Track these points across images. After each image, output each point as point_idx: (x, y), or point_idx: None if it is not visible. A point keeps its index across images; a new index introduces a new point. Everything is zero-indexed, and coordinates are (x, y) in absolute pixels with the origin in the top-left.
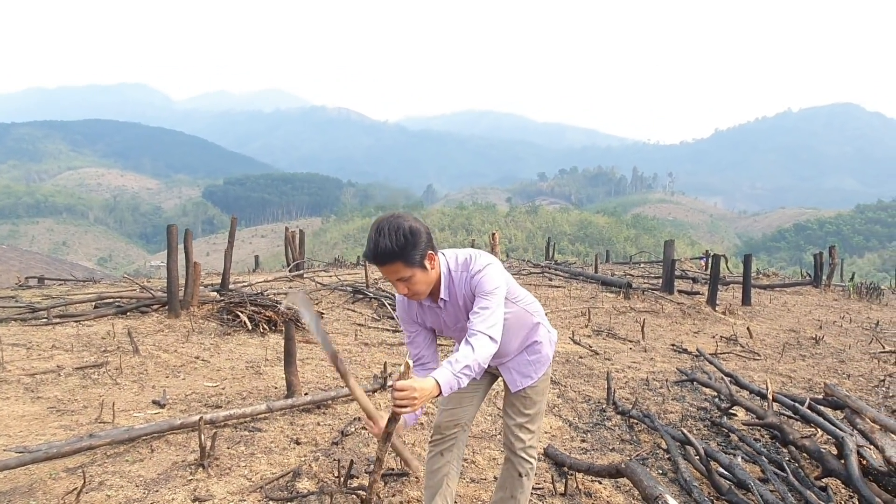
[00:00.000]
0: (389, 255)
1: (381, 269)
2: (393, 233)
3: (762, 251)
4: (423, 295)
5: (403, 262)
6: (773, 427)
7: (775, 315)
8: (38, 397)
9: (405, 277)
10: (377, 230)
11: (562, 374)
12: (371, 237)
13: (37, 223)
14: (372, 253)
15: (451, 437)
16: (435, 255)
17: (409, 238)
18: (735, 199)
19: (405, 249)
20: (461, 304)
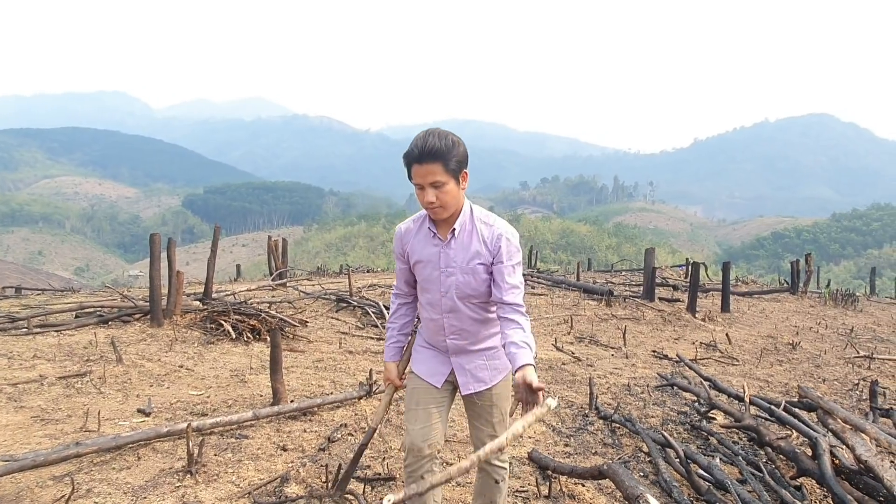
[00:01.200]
0: (434, 153)
1: (418, 171)
2: (443, 136)
3: (741, 259)
4: (446, 212)
5: (444, 164)
6: (750, 429)
7: (754, 321)
8: (21, 406)
9: (439, 183)
10: (427, 132)
11: (545, 381)
12: (420, 137)
13: (12, 232)
14: (419, 149)
15: (429, 458)
16: (468, 178)
17: (455, 144)
18: (714, 208)
19: (450, 152)
20: (468, 253)
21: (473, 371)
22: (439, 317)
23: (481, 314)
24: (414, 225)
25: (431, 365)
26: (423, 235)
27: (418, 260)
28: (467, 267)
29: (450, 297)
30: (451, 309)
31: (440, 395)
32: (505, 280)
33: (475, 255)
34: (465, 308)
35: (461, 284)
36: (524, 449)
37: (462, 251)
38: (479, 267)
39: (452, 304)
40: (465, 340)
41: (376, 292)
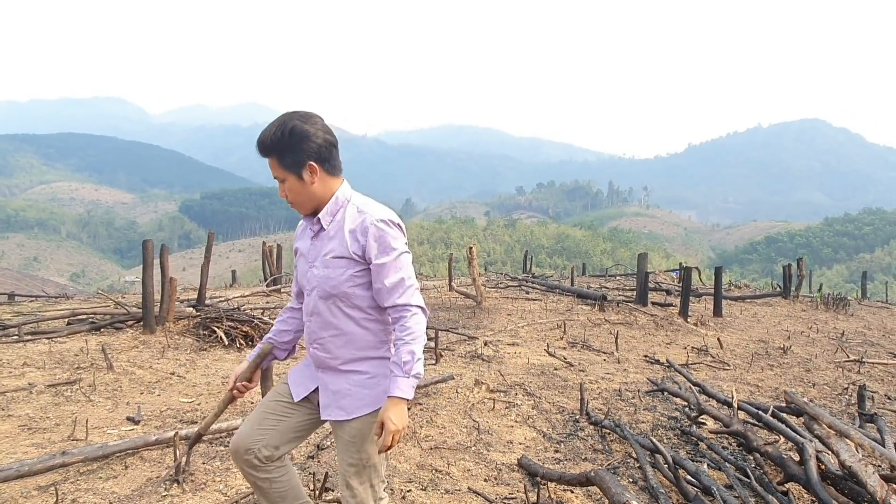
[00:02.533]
0: (266, 147)
1: (271, 166)
2: (277, 127)
3: (735, 263)
4: (302, 209)
5: (277, 159)
6: (738, 434)
7: (745, 326)
8: (8, 415)
9: (279, 178)
10: (274, 121)
11: (536, 386)
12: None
13: (7, 238)
14: (258, 140)
15: (245, 463)
16: (319, 170)
17: (287, 137)
18: (708, 213)
19: (279, 147)
20: (335, 243)
21: (337, 394)
22: (307, 319)
23: (346, 326)
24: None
25: (301, 375)
26: (306, 227)
27: (298, 250)
28: (330, 259)
29: (313, 295)
30: (312, 310)
31: (291, 408)
32: (381, 280)
33: (338, 245)
34: (328, 312)
35: (321, 279)
36: (514, 455)
37: (328, 241)
38: (336, 260)
39: (314, 304)
40: (326, 354)
41: None
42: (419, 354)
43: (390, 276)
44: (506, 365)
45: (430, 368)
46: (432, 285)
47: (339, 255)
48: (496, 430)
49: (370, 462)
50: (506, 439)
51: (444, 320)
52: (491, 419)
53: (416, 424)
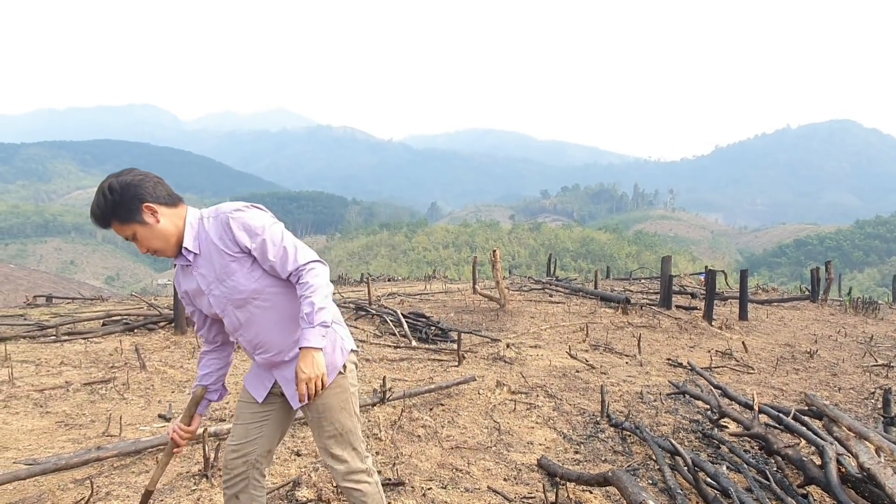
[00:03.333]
0: (100, 219)
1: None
2: (98, 194)
3: (763, 266)
4: (166, 252)
5: (116, 220)
6: (759, 437)
7: (772, 330)
8: (46, 412)
9: (129, 236)
10: (95, 197)
11: (558, 388)
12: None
13: (45, 242)
14: (92, 218)
15: (242, 476)
16: (155, 206)
17: (111, 196)
18: (736, 215)
19: (110, 208)
20: (215, 259)
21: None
22: (237, 336)
23: (273, 317)
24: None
25: (255, 377)
26: (179, 268)
27: (187, 292)
28: (221, 273)
29: (229, 312)
30: (237, 325)
31: (263, 410)
32: (267, 257)
33: (221, 257)
34: (252, 317)
35: (227, 294)
36: (533, 455)
37: (206, 262)
38: (230, 265)
39: (234, 318)
40: (271, 352)
41: (395, 301)
42: (320, 304)
43: (271, 250)
44: (528, 367)
45: (453, 370)
46: (456, 288)
47: (232, 261)
48: (517, 431)
49: (345, 429)
50: (526, 440)
51: (468, 323)
52: (512, 420)
53: (438, 424)
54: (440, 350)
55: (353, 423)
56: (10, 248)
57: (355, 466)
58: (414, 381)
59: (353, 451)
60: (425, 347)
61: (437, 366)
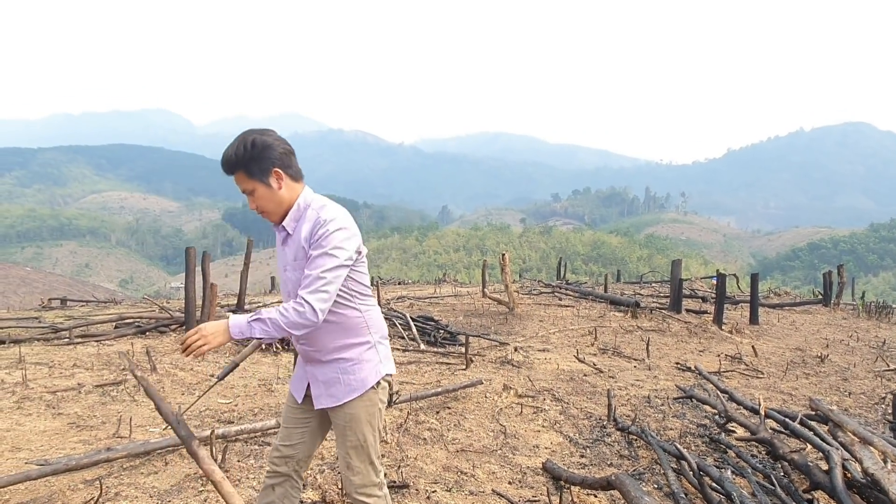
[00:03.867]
0: (231, 164)
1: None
2: (240, 143)
3: (777, 270)
4: (272, 216)
5: (245, 172)
6: (765, 442)
7: (783, 334)
8: (59, 413)
9: (248, 190)
10: (233, 141)
11: (565, 392)
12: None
13: (60, 246)
14: (222, 162)
15: (283, 475)
16: (284, 175)
17: (250, 149)
18: (748, 219)
19: (244, 159)
20: (296, 248)
21: (326, 383)
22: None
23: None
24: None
25: (297, 380)
26: (279, 237)
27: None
28: (296, 263)
29: (293, 296)
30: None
31: (306, 416)
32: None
33: (300, 248)
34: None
35: (294, 282)
36: (539, 459)
37: (293, 246)
38: (302, 262)
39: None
40: (312, 347)
41: (405, 304)
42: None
43: (312, 269)
44: (535, 370)
45: (461, 373)
46: (466, 291)
47: (302, 256)
48: (523, 435)
49: (367, 441)
50: (532, 444)
51: (477, 326)
52: (518, 424)
53: (444, 427)
54: (448, 353)
55: (375, 437)
56: (26, 251)
57: (369, 480)
58: (421, 384)
59: (370, 465)
60: (433, 351)
61: (445, 369)
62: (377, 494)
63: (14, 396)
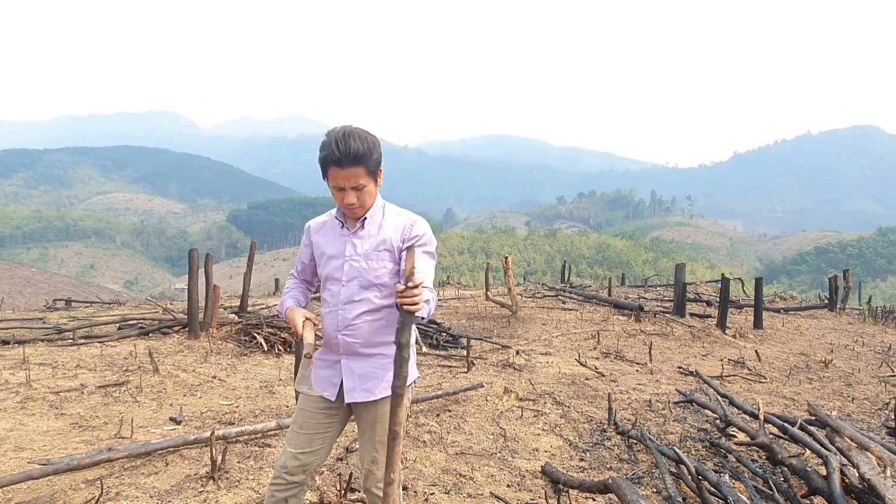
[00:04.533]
0: (358, 157)
1: (339, 174)
2: (363, 138)
3: (783, 274)
4: (363, 211)
5: (366, 167)
6: (764, 447)
7: (787, 338)
8: (62, 414)
9: (361, 185)
10: (346, 134)
11: (566, 396)
12: (339, 139)
13: (66, 247)
14: (342, 153)
15: (297, 484)
16: (382, 174)
17: (374, 145)
18: (755, 223)
19: (371, 154)
20: (375, 240)
21: (362, 377)
22: (336, 309)
23: (380, 313)
24: (328, 218)
25: (323, 375)
26: (331, 227)
27: (324, 252)
28: (372, 253)
29: (351, 285)
30: (349, 299)
31: (329, 420)
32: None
33: (382, 241)
34: (366, 300)
35: (364, 271)
36: (538, 462)
37: (369, 239)
38: (385, 253)
39: (352, 293)
40: (358, 339)
41: None
42: (429, 308)
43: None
44: (537, 374)
45: (462, 376)
46: (469, 294)
47: (386, 249)
48: (523, 438)
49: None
50: (532, 447)
51: (479, 329)
52: (518, 427)
53: (444, 430)
54: (450, 356)
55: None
56: (32, 252)
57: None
58: (422, 387)
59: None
60: (435, 353)
61: (447, 372)
62: (397, 492)
63: (18, 397)
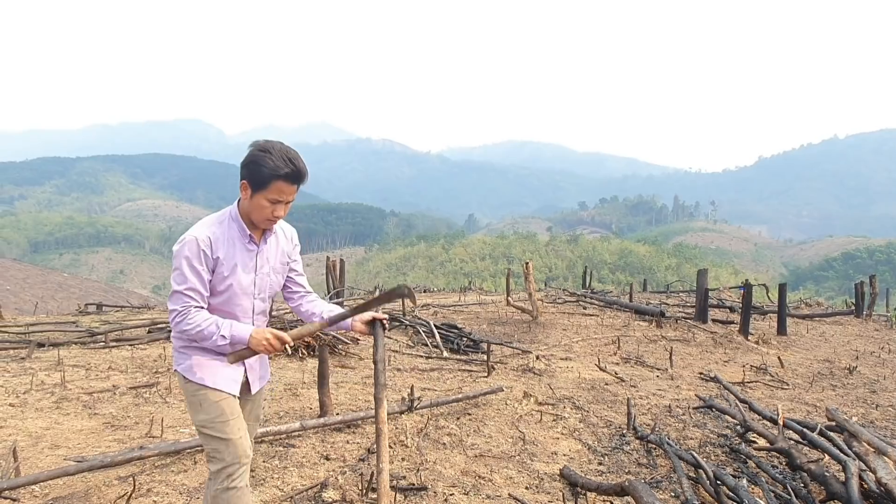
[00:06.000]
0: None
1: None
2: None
3: (809, 280)
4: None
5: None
6: (783, 452)
7: (811, 345)
8: (95, 413)
9: (291, 200)
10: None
11: (585, 400)
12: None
13: (97, 252)
14: (301, 171)
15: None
16: None
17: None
18: (781, 228)
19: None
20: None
21: (263, 367)
22: (258, 318)
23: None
24: (220, 230)
25: (226, 374)
26: (232, 240)
27: (233, 264)
28: (279, 267)
29: (262, 297)
30: (262, 310)
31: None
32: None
33: (283, 254)
34: (267, 309)
35: (273, 284)
36: (557, 466)
37: (274, 252)
38: (284, 266)
39: (264, 305)
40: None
41: (429, 312)
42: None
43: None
44: (556, 379)
45: (482, 380)
46: (490, 300)
47: (286, 262)
48: (541, 442)
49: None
50: (550, 450)
51: (500, 334)
52: (537, 430)
53: (463, 433)
54: (470, 361)
55: None
56: (64, 257)
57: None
58: (443, 390)
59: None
60: (456, 358)
61: (467, 376)
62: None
63: (53, 397)
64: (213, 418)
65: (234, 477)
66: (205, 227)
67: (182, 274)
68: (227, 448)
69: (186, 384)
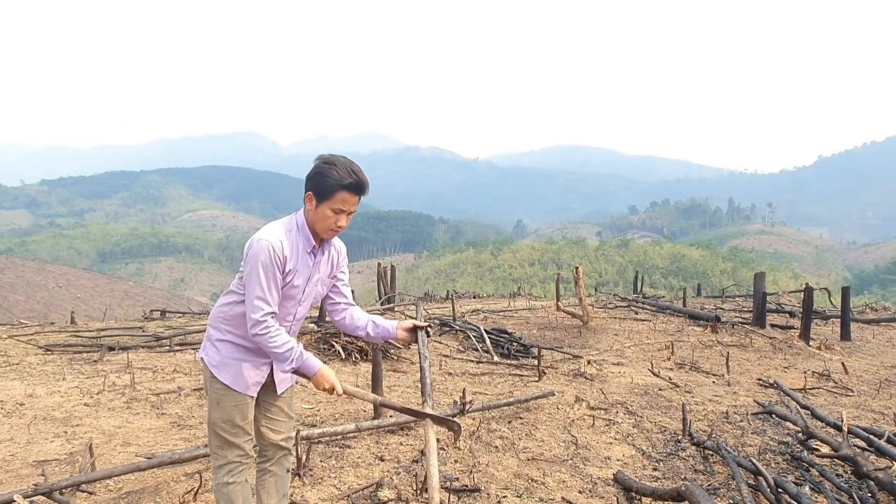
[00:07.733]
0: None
1: (349, 199)
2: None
3: (875, 284)
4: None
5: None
6: (848, 459)
7: (878, 351)
8: (162, 413)
9: (353, 212)
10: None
11: (639, 405)
12: (353, 169)
13: (159, 262)
14: (364, 182)
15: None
16: None
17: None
18: (843, 230)
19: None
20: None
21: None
22: (288, 325)
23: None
24: (288, 238)
25: (248, 377)
26: (296, 248)
27: (296, 271)
28: (327, 279)
29: (305, 305)
30: (301, 316)
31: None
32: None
33: (333, 267)
34: (307, 313)
35: (318, 294)
36: (610, 470)
37: (325, 264)
38: (332, 279)
39: (305, 311)
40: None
41: (479, 317)
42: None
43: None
44: (609, 384)
45: (533, 385)
46: (540, 305)
47: (332, 275)
48: (594, 446)
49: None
50: (603, 455)
51: (550, 339)
52: (590, 435)
53: (515, 436)
54: (521, 365)
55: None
56: (129, 266)
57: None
58: (494, 394)
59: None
60: (507, 363)
61: (518, 380)
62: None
63: (124, 398)
64: (226, 420)
65: (233, 473)
66: (278, 234)
67: (259, 280)
68: (231, 449)
69: (211, 379)
